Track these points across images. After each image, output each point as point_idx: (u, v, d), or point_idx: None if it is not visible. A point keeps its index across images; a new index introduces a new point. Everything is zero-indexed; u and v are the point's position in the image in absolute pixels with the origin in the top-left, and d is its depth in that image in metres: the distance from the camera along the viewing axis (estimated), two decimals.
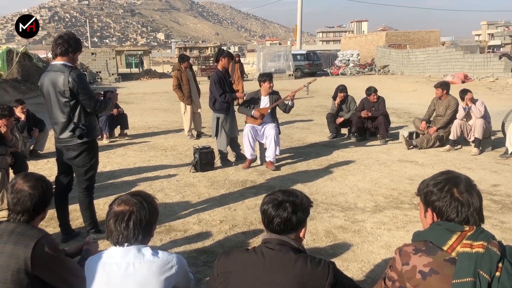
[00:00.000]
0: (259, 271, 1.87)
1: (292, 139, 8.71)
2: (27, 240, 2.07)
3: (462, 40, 52.23)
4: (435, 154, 7.24)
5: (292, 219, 1.94)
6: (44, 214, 2.34)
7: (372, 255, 3.66)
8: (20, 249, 2.04)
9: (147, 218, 2.04)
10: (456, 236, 1.67)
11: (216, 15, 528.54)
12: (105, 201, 5.10)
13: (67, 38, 3.73)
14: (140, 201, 2.05)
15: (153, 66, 48.18)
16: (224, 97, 6.49)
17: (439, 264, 1.64)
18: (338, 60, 36.26)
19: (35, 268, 2.04)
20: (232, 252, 2.02)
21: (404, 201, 4.99)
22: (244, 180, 5.88)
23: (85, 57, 31.32)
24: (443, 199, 1.76)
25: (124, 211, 2.00)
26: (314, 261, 1.86)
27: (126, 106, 13.09)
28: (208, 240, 3.99)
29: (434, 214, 1.81)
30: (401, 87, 20.14)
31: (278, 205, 1.96)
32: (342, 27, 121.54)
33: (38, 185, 2.27)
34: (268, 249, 1.90)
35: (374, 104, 8.41)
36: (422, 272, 1.65)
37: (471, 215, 1.72)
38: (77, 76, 3.64)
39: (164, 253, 2.07)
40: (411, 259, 1.70)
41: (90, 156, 3.90)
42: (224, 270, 1.95)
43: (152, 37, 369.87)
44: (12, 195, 2.21)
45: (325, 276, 1.83)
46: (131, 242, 2.01)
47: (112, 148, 8.14)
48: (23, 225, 2.17)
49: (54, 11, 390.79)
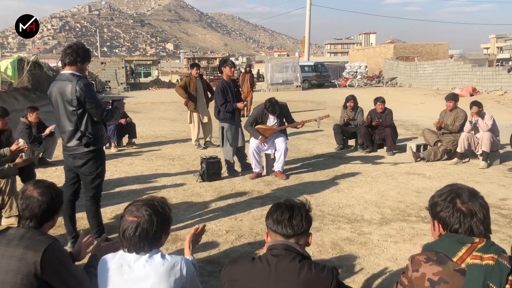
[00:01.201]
0: (265, 280, 1.89)
1: (299, 150, 8.72)
2: (37, 245, 2.10)
3: (471, 53, 52.15)
4: (442, 167, 7.21)
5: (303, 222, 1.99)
6: (53, 221, 2.37)
7: (379, 267, 3.64)
8: (30, 254, 2.07)
9: (154, 231, 2.05)
10: (466, 248, 1.69)
11: (225, 26, 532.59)
12: (112, 209, 5.13)
13: (76, 48, 3.78)
14: (150, 214, 2.05)
15: (162, 76, 48.55)
16: (225, 106, 6.57)
17: (449, 274, 1.65)
18: (345, 72, 36.35)
19: (44, 272, 2.07)
20: (237, 261, 2.06)
21: (411, 213, 4.96)
22: (251, 191, 5.89)
23: (95, 66, 31.64)
24: (446, 209, 1.79)
25: (132, 222, 2.03)
26: (319, 267, 1.89)
27: (134, 115, 13.18)
28: (214, 250, 4.00)
29: (439, 226, 1.83)
30: (409, 100, 20.12)
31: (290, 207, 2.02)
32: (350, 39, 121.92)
33: (48, 192, 2.29)
34: (273, 257, 1.92)
35: (381, 115, 8.41)
36: (431, 280, 1.67)
37: (475, 225, 1.73)
38: (84, 85, 3.69)
39: (172, 256, 2.12)
40: (421, 266, 1.72)
41: (97, 165, 3.94)
42: (230, 278, 1.98)
43: (161, 47, 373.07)
44: (22, 201, 2.26)
45: (330, 282, 1.86)
46: (138, 252, 2.06)
47: (120, 157, 8.19)
48: (33, 230, 2.20)
49: (65, 21, 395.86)
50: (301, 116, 14.52)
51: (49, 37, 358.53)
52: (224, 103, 6.57)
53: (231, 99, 6.65)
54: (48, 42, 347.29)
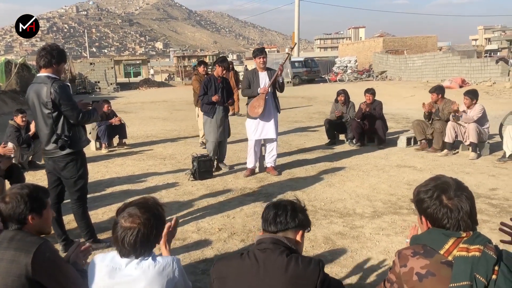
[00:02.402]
0: (253, 276, 1.90)
1: (290, 145, 8.73)
2: (27, 246, 2.10)
3: (459, 45, 52.37)
4: (433, 159, 7.25)
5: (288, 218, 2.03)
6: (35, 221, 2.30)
7: (371, 260, 3.66)
8: (21, 255, 2.06)
9: (154, 234, 2.05)
10: (452, 240, 1.70)
11: (214, 23, 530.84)
12: (103, 210, 5.10)
13: (50, 49, 3.73)
14: (148, 217, 2.02)
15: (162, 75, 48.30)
16: (202, 97, 6.74)
17: (435, 266, 1.66)
18: (336, 66, 36.44)
19: (36, 273, 2.07)
20: (226, 258, 2.08)
21: (403, 206, 4.99)
22: (243, 188, 5.88)
23: (84, 67, 31.45)
24: (432, 206, 1.78)
25: (131, 228, 1.99)
26: (305, 261, 1.91)
27: (124, 116, 13.13)
28: (207, 249, 3.99)
29: (427, 221, 1.83)
30: (399, 93, 20.21)
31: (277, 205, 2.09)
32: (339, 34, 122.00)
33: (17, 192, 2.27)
34: (261, 252, 1.94)
35: (370, 106, 8.44)
36: (419, 274, 1.67)
37: (462, 219, 1.74)
38: (59, 87, 3.64)
39: (163, 257, 2.10)
40: (409, 261, 1.73)
41: (77, 167, 3.88)
42: (219, 276, 1.99)
43: (151, 47, 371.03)
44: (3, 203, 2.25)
45: (317, 274, 1.88)
46: (138, 257, 2.04)
47: (110, 158, 8.14)
48: (22, 232, 2.20)
49: (53, 22, 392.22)
50: (292, 114, 14.56)
51: (36, 39, 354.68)
52: (202, 95, 6.71)
53: (213, 93, 6.64)
54: (36, 43, 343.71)
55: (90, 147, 9.09)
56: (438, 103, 7.80)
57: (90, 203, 5.33)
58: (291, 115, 14.03)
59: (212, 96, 6.58)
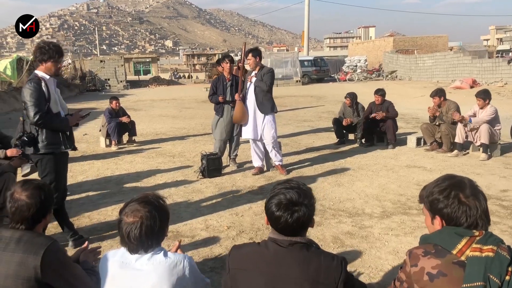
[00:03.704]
0: (272, 269, 1.85)
1: (299, 144, 8.72)
2: (36, 248, 2.06)
3: (471, 45, 51.87)
4: (443, 159, 7.20)
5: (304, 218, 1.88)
6: (46, 221, 2.33)
7: (380, 261, 3.64)
8: (30, 257, 2.04)
9: (158, 225, 2.05)
10: (465, 240, 1.68)
11: (224, 22, 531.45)
12: (113, 207, 5.13)
13: (36, 47, 3.78)
14: (150, 210, 2.04)
15: (161, 73, 48.50)
16: (210, 98, 6.85)
17: (447, 266, 1.65)
18: (345, 66, 36.29)
19: (45, 275, 2.05)
20: (243, 247, 2.01)
21: (412, 206, 4.96)
22: (251, 186, 5.89)
23: (94, 64, 31.66)
24: (451, 206, 1.75)
25: (134, 223, 2.00)
26: (328, 257, 1.86)
27: (134, 113, 13.20)
28: (215, 246, 4.00)
29: (443, 221, 1.80)
30: (409, 93, 20.09)
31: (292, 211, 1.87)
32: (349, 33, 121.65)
33: (36, 194, 2.22)
34: (280, 247, 1.87)
35: (380, 107, 8.39)
36: (430, 274, 1.66)
37: (480, 218, 1.72)
38: (25, 85, 3.69)
39: (175, 254, 2.11)
40: (419, 260, 1.71)
41: (42, 169, 3.85)
42: (237, 267, 1.93)
43: (160, 45, 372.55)
44: (10, 204, 2.19)
45: (339, 272, 1.83)
46: (147, 251, 2.05)
47: (120, 155, 8.19)
48: (29, 233, 2.16)
49: (64, 20, 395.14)
50: (301, 113, 14.54)
51: (47, 36, 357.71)
52: (211, 95, 6.83)
53: (222, 92, 6.72)
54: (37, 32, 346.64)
55: (100, 144, 9.16)
56: (442, 106, 7.76)
57: (99, 200, 5.41)
58: (300, 114, 14.00)
59: (219, 96, 6.70)
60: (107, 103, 9.56)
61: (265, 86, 6.17)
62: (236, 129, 6.90)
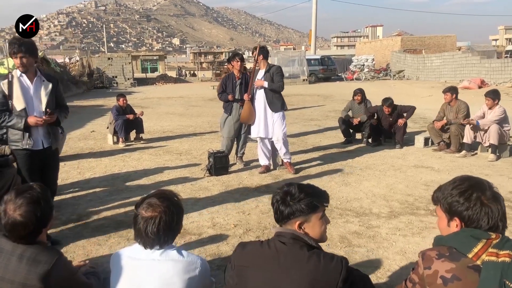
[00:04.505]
0: (273, 267, 1.90)
1: (306, 143, 8.70)
2: (39, 268, 1.97)
3: (479, 45, 51.51)
4: (451, 160, 7.16)
5: (281, 207, 2.02)
6: (46, 229, 2.21)
7: (387, 261, 3.63)
8: (34, 279, 1.96)
9: (175, 221, 2.08)
10: (481, 244, 1.65)
11: (231, 20, 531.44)
12: (120, 203, 5.15)
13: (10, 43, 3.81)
14: (168, 205, 2.06)
15: (168, 71, 48.59)
16: (220, 95, 6.89)
17: (462, 270, 1.62)
18: (352, 65, 36.15)
19: None
20: (247, 245, 2.07)
21: (420, 207, 4.94)
22: (258, 185, 5.89)
23: (102, 62, 31.77)
24: (472, 208, 1.71)
25: (152, 217, 2.01)
26: (327, 257, 1.89)
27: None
28: (222, 244, 4.01)
29: (462, 223, 1.76)
30: (417, 93, 19.99)
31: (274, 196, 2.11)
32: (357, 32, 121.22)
33: (31, 212, 2.03)
34: (282, 244, 1.94)
35: (392, 116, 8.37)
36: (444, 277, 1.63)
37: (500, 220, 1.70)
38: None
39: (189, 254, 2.12)
40: (433, 263, 1.68)
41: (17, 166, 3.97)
42: (241, 264, 2.00)
43: (168, 42, 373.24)
44: (4, 221, 2.03)
45: (338, 272, 1.85)
46: (162, 246, 2.06)
47: (127, 152, 8.22)
48: (32, 247, 2.04)
49: (72, 17, 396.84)
50: (308, 112, 14.51)
51: (56, 33, 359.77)
52: (221, 93, 6.88)
53: (231, 91, 6.76)
54: (55, 38, 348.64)
55: (107, 141, 9.20)
56: (451, 104, 7.71)
57: (106, 196, 5.43)
58: (307, 113, 13.98)
59: (229, 95, 6.73)
60: (115, 101, 9.59)
61: (280, 88, 6.16)
62: (244, 127, 6.90)
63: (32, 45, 3.78)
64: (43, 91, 3.89)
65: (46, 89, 3.90)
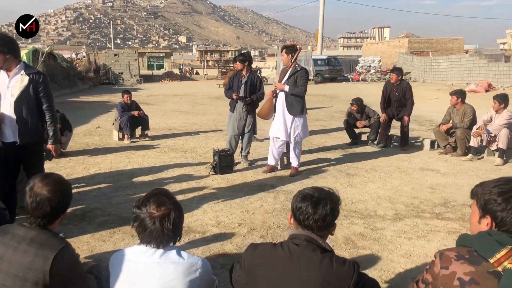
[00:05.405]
0: (285, 267, 1.90)
1: (311, 144, 8.68)
2: (46, 252, 2.01)
3: (487, 48, 51.24)
4: (457, 163, 7.12)
5: (330, 216, 1.98)
6: (64, 216, 2.29)
7: (392, 263, 3.61)
8: (40, 261, 2.00)
9: (182, 218, 2.12)
10: (506, 251, 1.60)
11: (238, 19, 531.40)
12: (125, 199, 5.15)
13: None
14: (174, 202, 2.08)
15: (174, 68, 48.63)
16: (225, 92, 7.05)
17: (481, 275, 1.58)
18: (359, 66, 36.04)
19: (53, 281, 2.01)
20: (260, 246, 2.06)
21: (425, 210, 4.91)
22: (263, 184, 5.87)
23: (108, 58, 31.82)
24: (509, 211, 1.67)
25: (166, 214, 2.01)
26: (340, 261, 1.89)
27: (147, 107, 13.23)
28: (226, 243, 4.00)
29: (493, 223, 1.73)
30: (423, 95, 19.89)
31: (316, 203, 1.98)
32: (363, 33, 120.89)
33: (58, 189, 2.17)
34: (295, 246, 1.93)
35: (398, 87, 8.19)
36: (462, 280, 1.60)
37: None
38: None
39: (189, 256, 2.08)
40: (451, 264, 1.65)
41: None
42: (252, 263, 1.99)
43: (174, 40, 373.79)
44: (31, 198, 2.12)
45: (350, 275, 1.85)
46: (174, 243, 2.08)
47: (133, 149, 8.22)
48: (43, 232, 2.11)
49: (79, 13, 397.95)
50: (313, 112, 14.48)
51: (63, 29, 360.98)
52: (227, 89, 7.03)
53: (237, 88, 6.81)
54: (62, 33, 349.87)
55: (113, 137, 9.21)
56: (457, 107, 7.67)
57: (111, 193, 5.44)
58: (312, 113, 13.94)
59: (233, 94, 6.80)
60: (120, 97, 9.60)
61: (301, 93, 6.04)
62: (248, 126, 6.88)
63: (5, 42, 3.77)
64: (17, 85, 3.85)
65: (21, 83, 3.85)
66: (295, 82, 6.03)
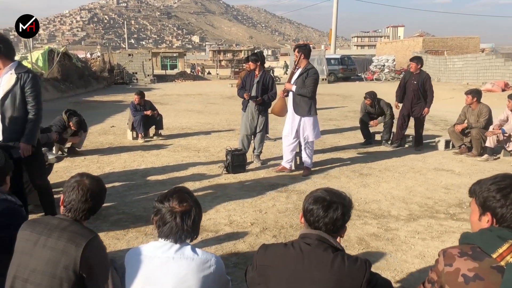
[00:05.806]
0: (297, 266, 1.90)
1: (324, 144, 8.64)
2: (79, 239, 2.10)
3: (504, 47, 50.53)
4: (472, 163, 7.04)
5: (341, 220, 1.97)
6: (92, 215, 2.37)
7: (406, 264, 3.58)
8: (72, 247, 2.08)
9: (200, 216, 2.16)
10: (507, 245, 1.61)
11: (251, 18, 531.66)
12: (139, 198, 5.19)
13: None
14: (195, 200, 2.14)
15: (187, 68, 48.84)
16: (238, 91, 7.09)
17: (485, 270, 1.59)
18: (373, 65, 35.80)
19: (82, 268, 2.08)
20: (271, 246, 2.06)
21: (440, 210, 4.86)
22: (275, 184, 5.87)
23: (122, 58, 32.10)
24: (508, 206, 1.68)
25: (187, 210, 2.07)
26: (351, 259, 1.88)
27: (161, 107, 13.31)
28: (239, 242, 4.00)
29: (494, 220, 1.73)
30: (438, 94, 19.59)
31: (327, 206, 1.96)
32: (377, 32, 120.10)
33: (103, 186, 2.38)
34: (306, 245, 1.93)
35: (417, 76, 7.98)
36: (466, 276, 1.61)
37: None
38: None
39: (203, 252, 2.12)
40: (455, 261, 1.66)
41: None
42: (263, 264, 1.99)
43: (187, 40, 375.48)
44: (82, 192, 2.22)
45: (363, 273, 1.85)
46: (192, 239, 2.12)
47: (146, 148, 8.28)
48: (75, 224, 2.21)
49: (94, 13, 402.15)
50: (327, 112, 14.42)
51: (78, 29, 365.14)
52: (240, 88, 7.07)
53: (249, 88, 6.80)
54: (77, 33, 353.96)
55: (127, 137, 9.29)
56: (472, 107, 7.56)
57: (125, 191, 5.48)
58: (326, 113, 13.89)
59: (244, 93, 6.80)
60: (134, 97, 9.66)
61: (307, 94, 5.97)
62: (260, 125, 6.88)
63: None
64: (5, 84, 3.89)
65: (8, 81, 3.90)
66: (303, 82, 6.01)
